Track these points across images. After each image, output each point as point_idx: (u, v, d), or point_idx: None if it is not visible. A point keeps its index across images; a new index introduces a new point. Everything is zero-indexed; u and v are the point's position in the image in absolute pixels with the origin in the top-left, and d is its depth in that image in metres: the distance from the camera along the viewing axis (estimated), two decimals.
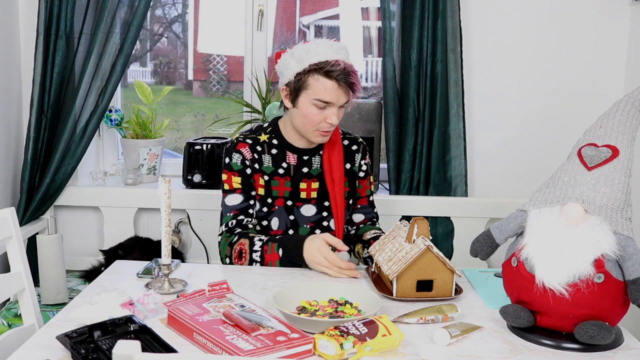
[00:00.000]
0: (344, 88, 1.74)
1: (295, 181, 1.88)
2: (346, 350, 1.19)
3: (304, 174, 1.88)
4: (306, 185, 1.89)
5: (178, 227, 2.69)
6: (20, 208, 2.49)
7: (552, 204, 1.33)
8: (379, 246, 1.68)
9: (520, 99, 2.64)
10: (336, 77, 1.72)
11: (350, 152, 1.96)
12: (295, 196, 1.88)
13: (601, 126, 1.38)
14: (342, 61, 1.73)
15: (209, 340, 1.22)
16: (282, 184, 1.87)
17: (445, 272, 1.54)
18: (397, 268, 1.51)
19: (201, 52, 3.07)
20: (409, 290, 1.53)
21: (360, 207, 2.01)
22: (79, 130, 2.50)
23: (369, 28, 2.87)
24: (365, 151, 1.99)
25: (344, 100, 1.77)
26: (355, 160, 1.97)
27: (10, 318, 2.11)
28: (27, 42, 2.57)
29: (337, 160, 1.89)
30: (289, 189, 1.87)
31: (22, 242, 1.58)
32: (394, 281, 1.52)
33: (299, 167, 1.88)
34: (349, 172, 1.95)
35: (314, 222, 1.90)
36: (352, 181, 1.96)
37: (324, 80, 1.72)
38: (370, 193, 2.02)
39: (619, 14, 2.57)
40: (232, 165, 1.85)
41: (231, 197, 1.85)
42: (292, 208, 1.88)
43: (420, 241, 1.53)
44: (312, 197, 1.90)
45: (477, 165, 2.67)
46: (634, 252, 1.25)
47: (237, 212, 1.84)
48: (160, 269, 1.62)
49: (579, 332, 1.27)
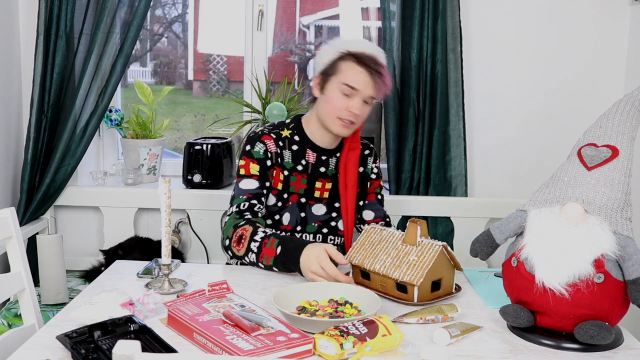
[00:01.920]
0: (372, 78, 1.77)
1: (311, 179, 1.88)
2: (346, 350, 1.19)
3: (320, 173, 1.89)
4: (321, 184, 1.90)
5: (178, 227, 2.69)
6: (20, 208, 2.49)
7: (552, 204, 1.33)
8: (363, 254, 1.60)
9: (520, 99, 2.64)
10: (368, 65, 1.76)
11: (363, 155, 1.98)
12: (309, 194, 1.89)
13: (601, 126, 1.38)
14: (377, 56, 1.79)
15: (209, 340, 1.22)
16: (299, 180, 1.87)
17: (450, 270, 1.54)
18: (418, 273, 1.47)
19: (201, 52, 3.07)
20: (426, 293, 1.50)
21: (368, 202, 2.01)
22: (79, 130, 2.50)
23: (369, 28, 2.87)
24: (376, 156, 2.04)
25: (370, 93, 1.78)
26: (367, 163, 2.00)
27: (10, 318, 2.11)
28: (27, 42, 2.57)
29: (352, 165, 1.91)
30: (305, 186, 1.88)
31: (22, 242, 1.58)
32: (414, 287, 1.48)
33: (317, 166, 1.89)
34: (362, 175, 1.97)
35: (323, 221, 1.91)
36: (363, 183, 1.98)
37: (355, 66, 1.77)
38: (378, 192, 2.03)
39: (619, 14, 2.57)
40: (254, 153, 1.84)
41: (247, 181, 1.83)
42: (305, 205, 1.89)
43: (428, 242, 1.53)
44: (325, 196, 1.91)
45: (477, 165, 2.67)
46: (634, 252, 1.25)
47: (251, 196, 1.82)
48: (160, 269, 1.62)
49: (579, 332, 1.27)
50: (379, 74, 1.77)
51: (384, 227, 1.66)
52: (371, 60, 1.77)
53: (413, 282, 1.47)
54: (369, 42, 1.84)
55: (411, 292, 1.49)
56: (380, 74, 1.77)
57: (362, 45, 1.81)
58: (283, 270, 1.69)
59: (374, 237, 1.64)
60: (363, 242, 1.64)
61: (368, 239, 1.64)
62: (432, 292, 1.52)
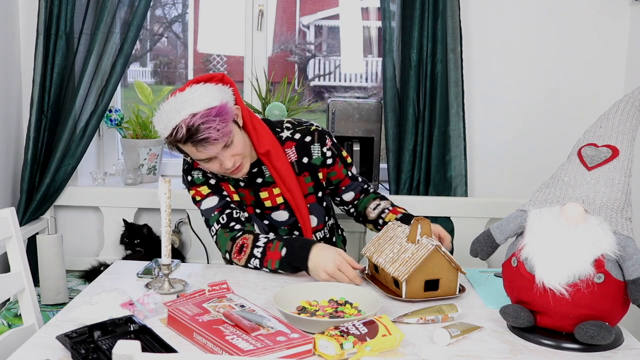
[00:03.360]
0: (203, 146, 1.63)
1: (255, 191, 1.85)
2: (346, 350, 1.19)
3: (259, 184, 1.85)
4: (267, 193, 1.85)
5: (178, 227, 2.69)
6: (20, 208, 2.49)
7: (552, 204, 1.33)
8: (375, 248, 1.66)
9: (520, 99, 2.64)
10: (187, 141, 1.63)
11: (304, 145, 1.85)
12: (260, 205, 1.87)
13: (601, 126, 1.38)
14: (188, 123, 1.60)
15: (209, 340, 1.22)
16: (248, 194, 1.85)
17: (450, 271, 1.54)
18: (406, 269, 1.50)
19: (201, 52, 3.07)
20: (418, 290, 1.52)
21: (344, 187, 1.96)
22: (79, 130, 2.50)
23: (369, 28, 2.87)
24: (322, 137, 1.87)
25: (215, 150, 1.64)
26: (312, 152, 1.86)
27: (10, 318, 2.11)
28: (27, 42, 2.57)
29: (281, 165, 1.81)
30: (253, 198, 1.86)
31: (22, 242, 1.58)
32: (403, 283, 1.50)
33: (252, 179, 1.85)
34: (307, 165, 1.86)
35: (290, 224, 1.89)
36: (314, 174, 1.87)
37: (183, 147, 1.66)
38: (346, 171, 1.94)
39: (619, 14, 2.57)
40: (195, 180, 1.81)
41: (206, 201, 1.80)
42: (263, 215, 1.88)
43: (427, 241, 1.53)
44: (279, 202, 1.86)
45: (477, 165, 2.67)
46: (634, 252, 1.25)
47: (220, 209, 1.79)
48: (160, 269, 1.62)
49: (579, 332, 1.27)
50: (203, 141, 1.61)
51: (401, 224, 1.67)
52: (189, 136, 1.61)
53: (399, 277, 1.50)
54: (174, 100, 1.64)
55: (401, 287, 1.51)
56: (204, 140, 1.61)
57: (168, 121, 1.63)
58: (289, 270, 1.68)
59: (390, 233, 1.67)
60: (379, 237, 1.68)
61: (385, 235, 1.68)
62: (426, 291, 1.52)
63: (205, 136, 1.60)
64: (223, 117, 1.63)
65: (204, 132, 1.60)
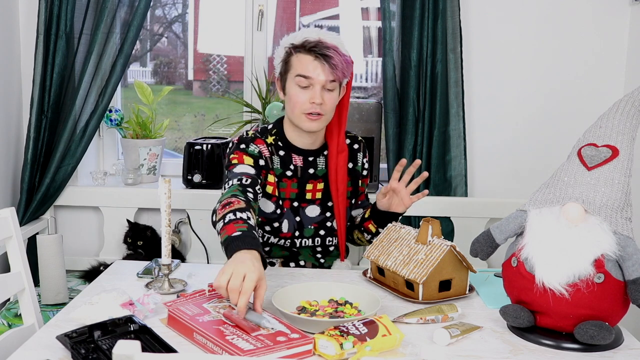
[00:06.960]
0: (320, 61, 1.70)
1: (302, 182, 1.86)
2: (346, 350, 1.19)
3: (310, 175, 1.87)
4: (312, 186, 1.87)
5: (178, 227, 2.69)
6: (20, 208, 2.49)
7: (552, 204, 1.33)
8: (379, 251, 1.64)
9: (520, 99, 2.64)
10: (313, 51, 1.71)
11: (352, 150, 1.94)
12: (301, 197, 1.87)
13: (601, 126, 1.38)
14: (323, 40, 1.73)
15: (209, 340, 1.22)
16: (289, 185, 1.85)
17: (462, 271, 1.54)
18: (422, 271, 1.48)
19: (201, 52, 3.07)
20: (433, 292, 1.51)
21: (360, 202, 2.01)
22: (79, 130, 2.50)
23: (369, 28, 2.87)
24: (365, 149, 1.98)
25: (326, 78, 1.71)
26: (357, 159, 1.95)
27: (10, 318, 2.12)
28: (27, 42, 2.57)
29: (343, 164, 1.86)
30: (296, 190, 1.86)
31: (22, 242, 1.58)
32: (420, 285, 1.49)
33: (306, 168, 1.87)
34: (352, 171, 1.94)
35: (318, 222, 1.89)
36: (354, 180, 1.95)
37: (301, 55, 1.73)
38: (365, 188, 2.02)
39: (619, 14, 2.57)
40: (248, 150, 1.80)
41: (241, 166, 1.77)
42: (298, 209, 1.87)
43: (439, 241, 1.53)
44: (317, 197, 1.89)
45: (477, 165, 2.67)
46: (634, 252, 1.25)
47: (249, 176, 1.72)
48: (160, 269, 1.62)
49: (579, 332, 1.27)
50: (325, 57, 1.70)
51: (403, 226, 1.67)
52: (315, 45, 1.71)
53: (417, 279, 1.48)
54: (318, 29, 1.78)
55: (417, 290, 1.50)
56: (327, 56, 1.70)
57: (305, 34, 1.75)
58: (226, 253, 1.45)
59: (393, 234, 1.66)
60: (382, 240, 1.67)
61: (387, 237, 1.67)
62: (440, 292, 1.52)
63: (330, 54, 1.70)
64: (348, 65, 1.76)
65: (331, 52, 1.71)
